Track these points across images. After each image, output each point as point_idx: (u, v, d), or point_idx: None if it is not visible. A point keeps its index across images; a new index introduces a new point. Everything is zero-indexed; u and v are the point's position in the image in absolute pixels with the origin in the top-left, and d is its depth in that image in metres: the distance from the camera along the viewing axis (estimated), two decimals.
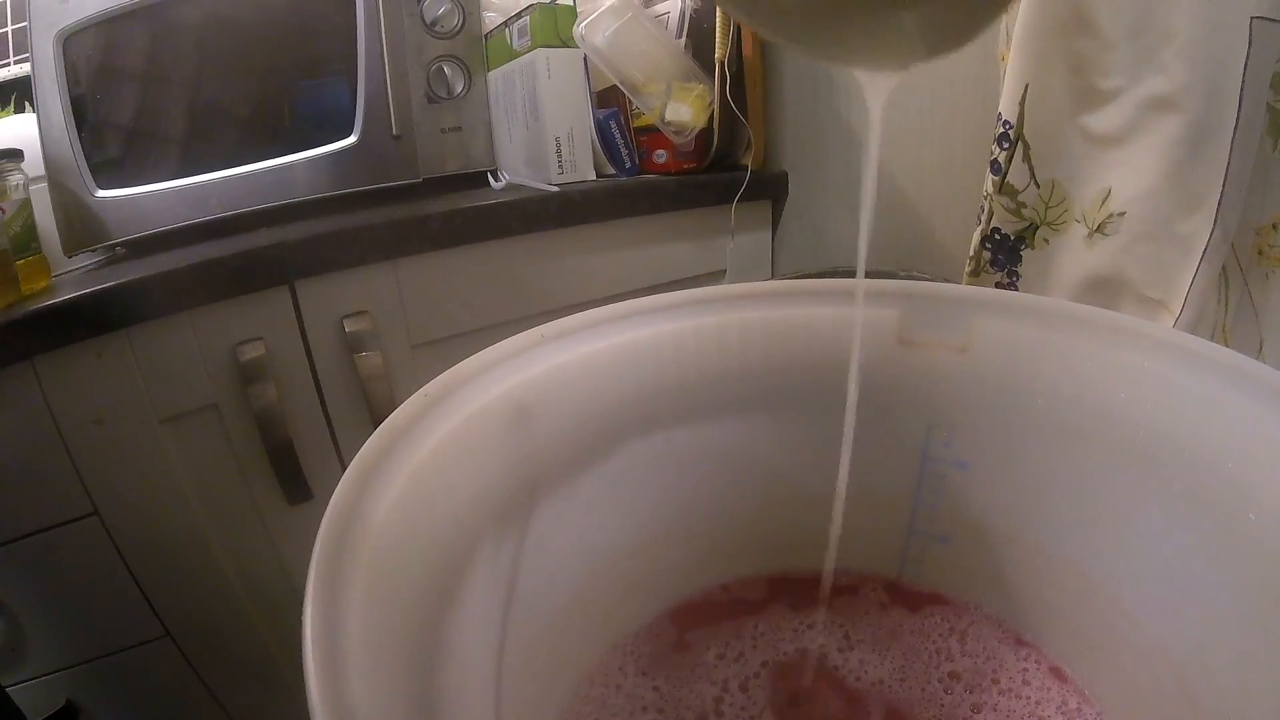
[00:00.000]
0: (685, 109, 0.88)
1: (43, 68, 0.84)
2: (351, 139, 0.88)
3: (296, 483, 0.75)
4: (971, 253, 0.60)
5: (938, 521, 0.37)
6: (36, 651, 0.72)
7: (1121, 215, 0.50)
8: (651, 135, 0.94)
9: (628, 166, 0.96)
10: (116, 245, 0.91)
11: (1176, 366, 0.28)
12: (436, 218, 0.77)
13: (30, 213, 0.83)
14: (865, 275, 0.30)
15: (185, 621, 0.76)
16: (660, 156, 0.94)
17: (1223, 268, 0.49)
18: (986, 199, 0.58)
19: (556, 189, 0.84)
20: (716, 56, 0.87)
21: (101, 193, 0.86)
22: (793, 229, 0.99)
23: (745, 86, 0.91)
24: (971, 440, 0.35)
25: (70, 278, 0.86)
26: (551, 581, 0.32)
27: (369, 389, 0.75)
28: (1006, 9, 0.25)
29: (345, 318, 0.75)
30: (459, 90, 0.93)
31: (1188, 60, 0.45)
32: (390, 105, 0.87)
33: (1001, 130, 0.55)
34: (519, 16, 0.87)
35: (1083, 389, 0.31)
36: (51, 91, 0.84)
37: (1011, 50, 0.53)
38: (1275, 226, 0.48)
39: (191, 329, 0.69)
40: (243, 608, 0.79)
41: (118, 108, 0.87)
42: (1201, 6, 0.44)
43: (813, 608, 0.37)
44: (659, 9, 0.94)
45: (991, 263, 0.59)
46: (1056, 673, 0.33)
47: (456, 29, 0.91)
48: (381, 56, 0.86)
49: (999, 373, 0.33)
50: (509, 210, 0.80)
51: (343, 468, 0.23)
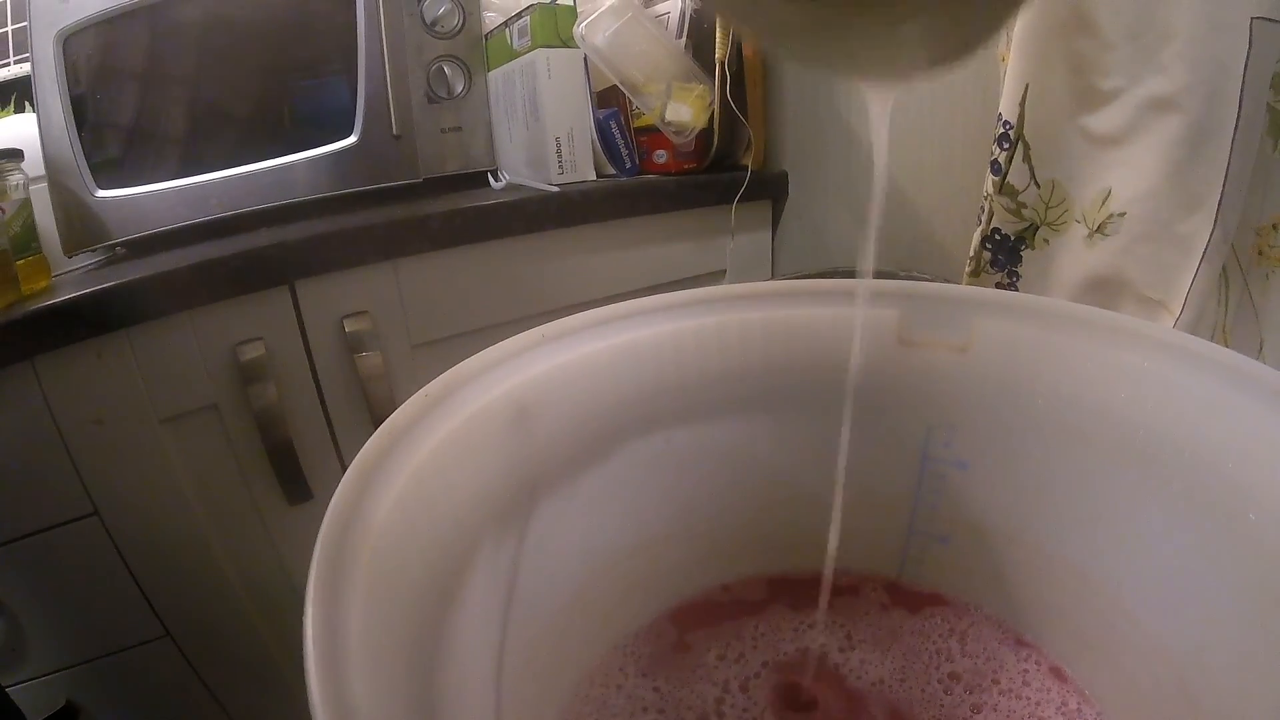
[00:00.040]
0: (685, 109, 0.88)
1: (43, 67, 0.84)
2: (352, 139, 0.88)
3: (296, 483, 0.75)
4: (972, 253, 0.60)
5: (938, 522, 0.37)
6: (36, 651, 0.72)
7: (1122, 215, 0.50)
8: (651, 135, 0.94)
9: (628, 167, 0.96)
10: (116, 245, 0.91)
11: (1176, 367, 0.28)
12: (437, 218, 0.77)
13: (30, 212, 0.83)
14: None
15: (185, 621, 0.76)
16: (660, 157, 0.94)
17: (1223, 268, 0.49)
18: (987, 199, 0.58)
19: (557, 189, 0.84)
20: (717, 56, 0.87)
21: (101, 193, 0.86)
22: (793, 229, 0.99)
23: (745, 86, 0.91)
24: (971, 440, 0.35)
25: (70, 278, 0.86)
26: (552, 582, 0.32)
27: (369, 389, 0.75)
28: (1006, 22, 0.25)
29: (345, 318, 0.75)
30: (459, 90, 0.93)
31: (1188, 60, 0.45)
32: (390, 105, 0.87)
33: (1001, 130, 0.55)
34: (519, 16, 0.87)
35: (1083, 389, 0.31)
36: (51, 91, 0.84)
37: (1011, 50, 0.53)
38: (1275, 227, 0.48)
39: (191, 329, 0.69)
40: (243, 608, 0.79)
41: (118, 107, 0.87)
42: (1201, 7, 0.44)
43: (813, 608, 0.37)
44: (659, 9, 0.94)
45: (992, 263, 0.59)
46: (1057, 673, 0.33)
47: (457, 29, 0.91)
48: (382, 56, 0.86)
49: (999, 373, 0.33)
50: (509, 210, 0.80)
51: (343, 468, 0.23)
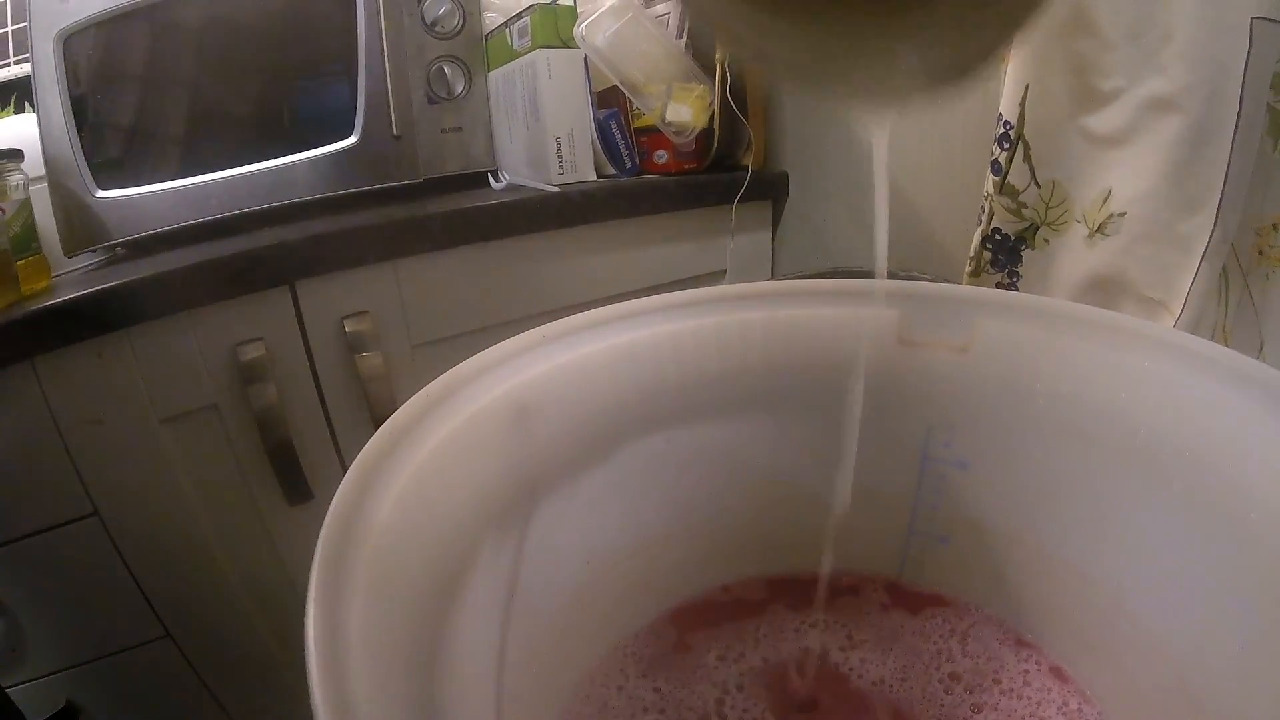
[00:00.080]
0: (686, 109, 0.88)
1: (43, 68, 0.84)
2: (352, 139, 0.88)
3: (297, 483, 0.75)
4: (972, 253, 0.60)
5: (938, 522, 0.36)
6: (36, 652, 0.72)
7: (1122, 215, 0.50)
8: (652, 135, 0.94)
9: (628, 167, 0.96)
10: (117, 245, 0.91)
11: (1177, 367, 0.28)
12: (437, 218, 0.77)
13: (30, 213, 0.83)
14: (864, 275, 0.30)
15: (185, 622, 0.76)
16: (661, 157, 0.94)
17: (1223, 268, 0.49)
18: (987, 199, 0.58)
19: (557, 189, 0.84)
20: (717, 57, 0.87)
21: (102, 193, 0.86)
22: (793, 229, 0.99)
23: (745, 87, 0.91)
24: (972, 440, 0.35)
25: (70, 278, 0.86)
26: (552, 582, 0.32)
27: (369, 389, 0.75)
28: (1004, 44, 0.25)
29: (346, 318, 0.75)
30: (459, 90, 0.93)
31: (1188, 61, 0.45)
32: (391, 105, 0.87)
33: (1002, 130, 0.55)
34: (519, 17, 0.87)
35: (1083, 389, 0.31)
36: (51, 91, 0.84)
37: (1012, 51, 0.53)
38: (1276, 226, 0.48)
39: (192, 329, 0.69)
40: (243, 608, 0.79)
41: (118, 108, 0.87)
42: (1202, 7, 0.44)
43: (813, 608, 0.37)
44: (659, 9, 0.94)
45: (992, 263, 0.59)
46: (1057, 673, 0.33)
47: (457, 29, 0.91)
48: (382, 57, 0.86)
49: (1000, 373, 0.33)
50: (510, 210, 0.80)
51: (343, 468, 0.23)
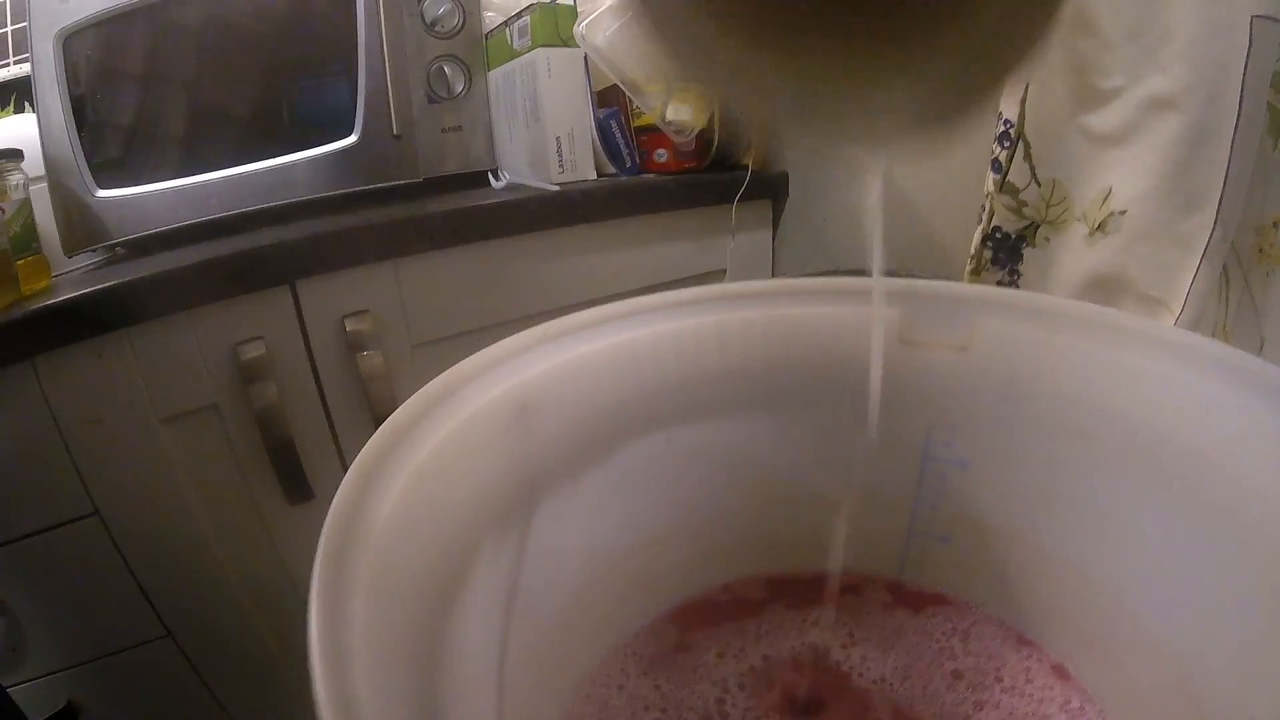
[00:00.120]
0: (686, 109, 0.88)
1: (43, 68, 0.84)
2: (352, 139, 0.88)
3: (297, 482, 0.75)
4: (972, 251, 0.60)
5: (939, 521, 0.37)
6: (37, 652, 0.72)
7: (1122, 214, 0.50)
8: (652, 135, 0.94)
9: (628, 166, 0.96)
10: (117, 245, 0.91)
11: (1178, 365, 0.28)
12: (437, 217, 0.77)
13: (30, 213, 0.83)
14: (864, 275, 0.30)
15: (186, 621, 0.76)
16: (661, 156, 0.94)
17: (1223, 267, 0.49)
18: (987, 198, 0.58)
19: (557, 189, 0.84)
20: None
21: (102, 193, 0.86)
22: (793, 229, 0.99)
23: None
24: (972, 440, 0.35)
25: (70, 278, 0.86)
26: (552, 581, 0.32)
27: (370, 388, 0.75)
28: (993, 92, 0.24)
29: (346, 317, 0.75)
30: (459, 90, 0.93)
31: (1188, 60, 0.45)
32: (391, 105, 0.87)
33: (1002, 129, 0.55)
34: (519, 16, 0.87)
35: (1084, 388, 0.31)
36: (51, 91, 0.84)
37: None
38: (1276, 225, 0.48)
39: (192, 328, 0.69)
40: (243, 607, 0.79)
41: (118, 108, 0.87)
42: (1202, 6, 0.44)
43: (813, 607, 0.37)
44: None
45: (993, 261, 0.59)
46: (1059, 671, 0.33)
47: (457, 29, 0.91)
48: (382, 56, 0.86)
49: (1000, 372, 0.33)
50: (510, 210, 0.80)
51: (344, 467, 0.23)
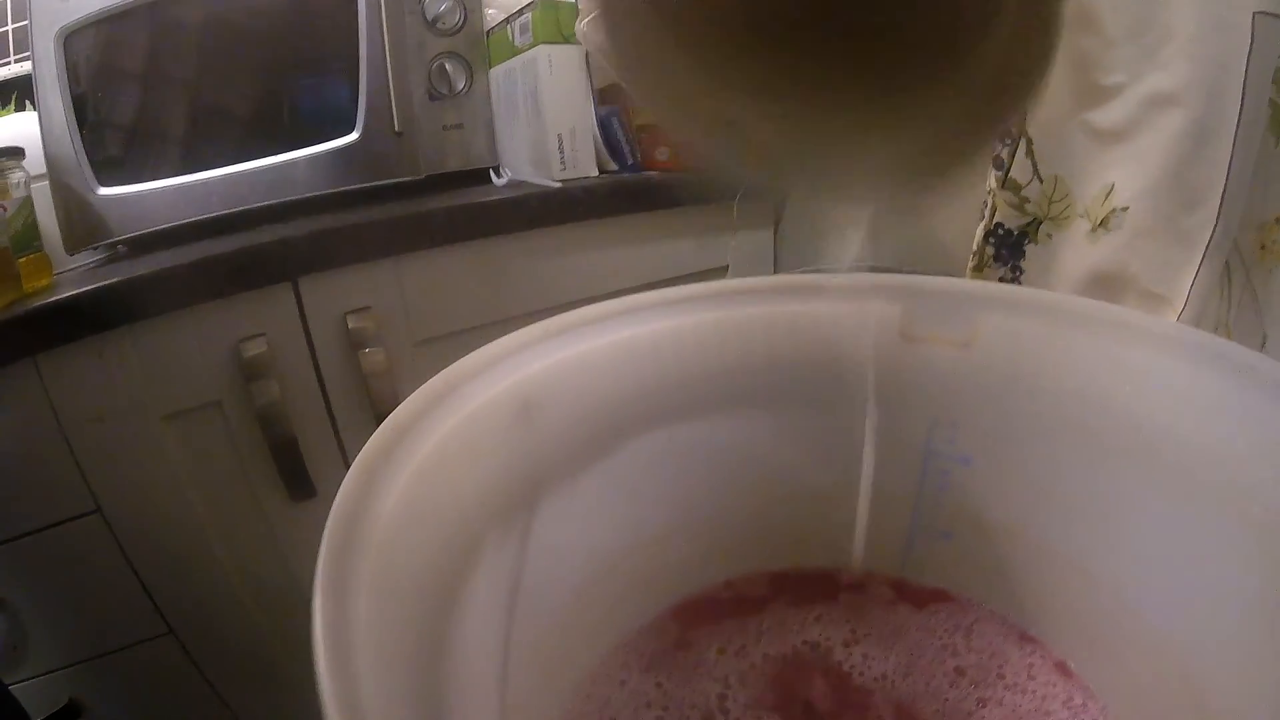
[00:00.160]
0: None
1: (44, 66, 0.84)
2: (353, 136, 0.88)
3: (299, 479, 0.75)
4: (974, 248, 0.60)
5: (941, 518, 0.36)
6: (39, 649, 0.72)
7: (1124, 211, 0.50)
8: (653, 132, 0.93)
9: (630, 163, 0.95)
10: (118, 243, 0.91)
11: (1180, 361, 0.28)
12: (439, 214, 0.77)
13: (32, 210, 0.83)
14: (865, 270, 0.30)
15: (188, 619, 0.76)
16: (662, 153, 0.94)
17: (1226, 264, 0.49)
18: (989, 194, 0.58)
19: (558, 186, 0.84)
20: None
21: (103, 190, 0.86)
22: (795, 226, 0.99)
23: None
24: (975, 436, 0.35)
25: (72, 275, 0.86)
26: (554, 579, 0.32)
27: (372, 385, 0.75)
28: (976, 152, 0.24)
29: (348, 314, 0.75)
30: (460, 87, 0.93)
31: (1190, 57, 0.45)
32: (392, 102, 0.87)
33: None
34: (521, 13, 0.87)
35: (1086, 384, 0.31)
36: (52, 89, 0.84)
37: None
38: (1278, 222, 0.48)
39: (194, 326, 0.69)
40: (245, 604, 0.79)
41: (119, 105, 0.87)
42: (1203, 3, 0.44)
43: (815, 604, 0.37)
44: None
45: (995, 258, 0.59)
46: (1061, 668, 0.33)
47: (458, 26, 0.91)
48: (383, 53, 0.86)
49: (1002, 368, 0.33)
50: (511, 207, 0.80)
51: (345, 464, 0.23)
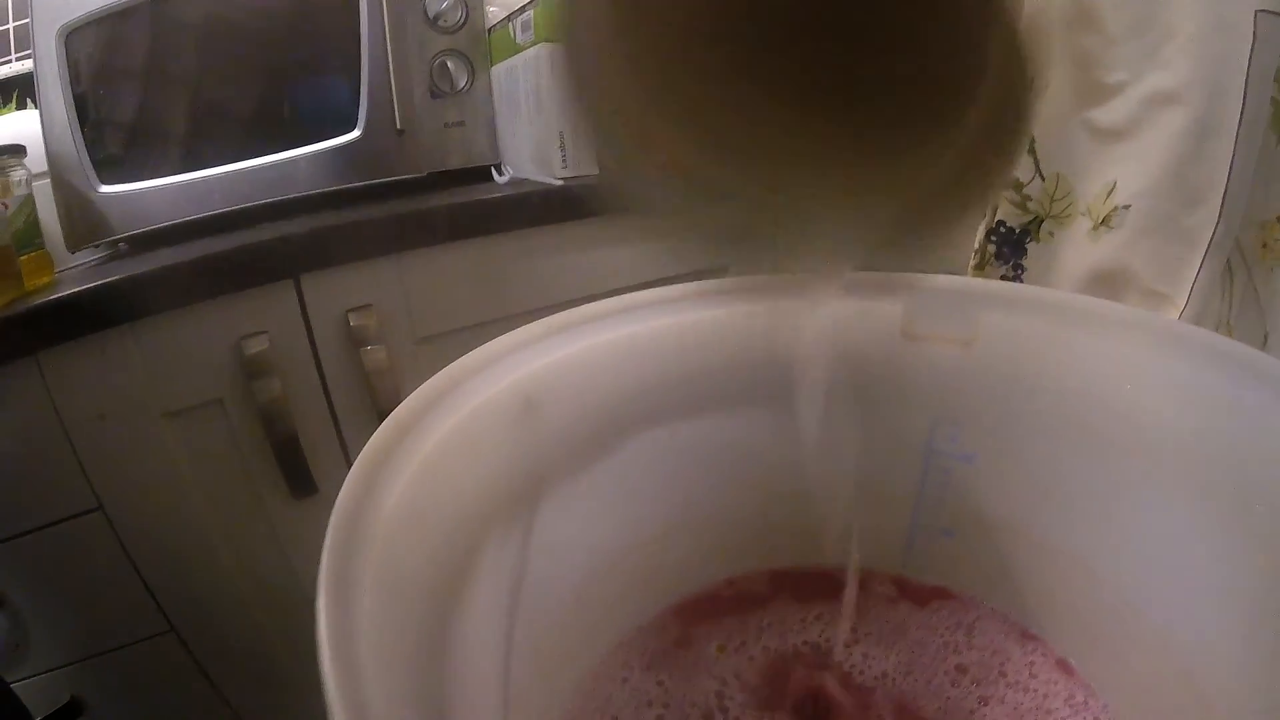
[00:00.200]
0: None
1: (45, 64, 0.84)
2: (355, 134, 0.88)
3: (301, 477, 0.75)
4: (976, 246, 0.60)
5: (943, 515, 0.36)
6: (40, 647, 0.72)
7: (1126, 209, 0.50)
8: None
9: None
10: (119, 241, 0.91)
11: (1182, 359, 0.28)
12: (440, 212, 0.77)
13: (33, 208, 0.83)
14: (866, 270, 0.30)
15: (189, 616, 0.76)
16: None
17: (1227, 262, 0.49)
18: None
19: (560, 183, 0.84)
20: None
21: (104, 188, 0.86)
22: None
23: None
24: (977, 434, 0.34)
25: (73, 273, 0.86)
26: (556, 577, 0.32)
27: (374, 383, 0.75)
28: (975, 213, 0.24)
29: (350, 311, 0.75)
30: (462, 85, 0.93)
31: (1191, 55, 0.45)
32: (394, 100, 0.87)
33: None
34: (522, 11, 0.87)
35: (1088, 382, 0.31)
36: (54, 87, 0.84)
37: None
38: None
39: (195, 324, 0.69)
40: (247, 602, 0.79)
41: (120, 103, 0.87)
42: (1205, 2, 0.44)
43: (817, 602, 0.37)
44: None
45: (996, 256, 0.59)
46: (1063, 666, 0.33)
47: (460, 23, 0.91)
48: (385, 51, 0.86)
49: (1004, 366, 0.33)
50: (513, 205, 0.80)
51: (347, 462, 0.23)
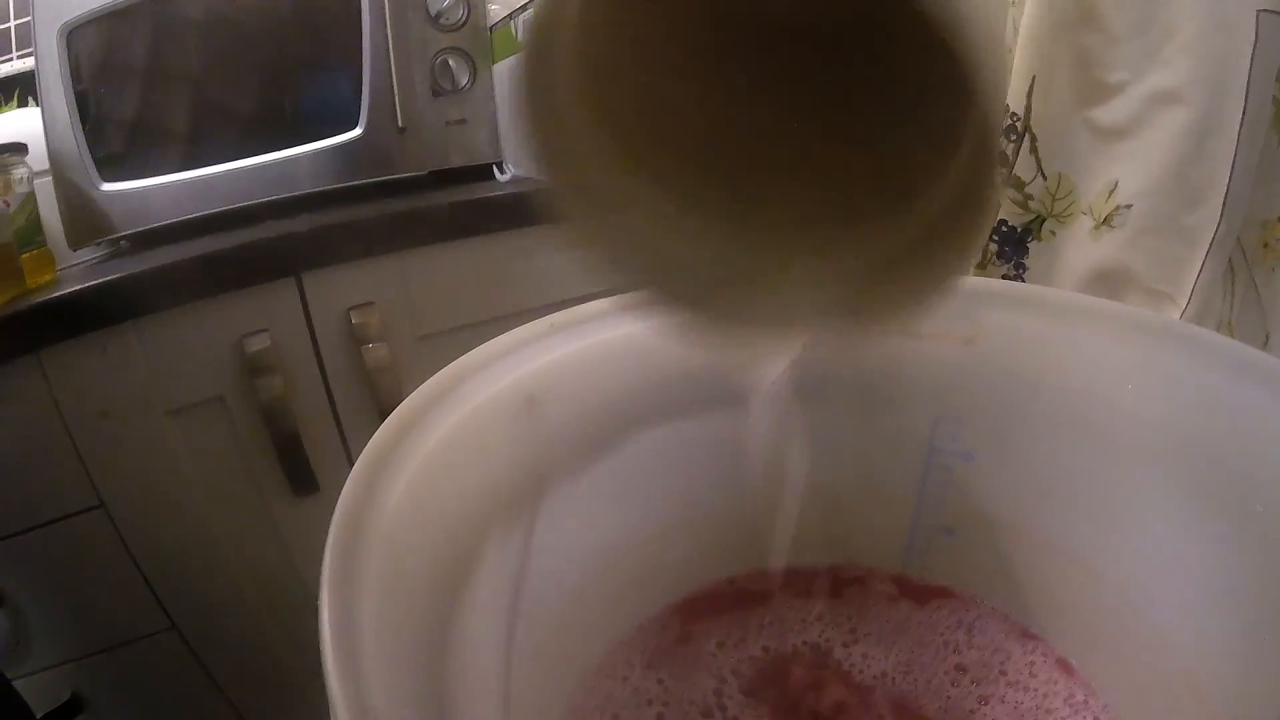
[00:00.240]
0: None
1: (46, 62, 0.84)
2: (356, 132, 0.88)
3: (303, 475, 0.75)
4: None
5: (944, 514, 0.36)
6: (42, 644, 0.73)
7: (1128, 208, 0.50)
8: None
9: None
10: (121, 239, 0.91)
11: (1184, 359, 0.28)
12: (442, 210, 0.77)
13: (35, 206, 0.83)
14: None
15: (191, 614, 0.77)
16: None
17: (1229, 261, 0.48)
18: None
19: None
20: None
21: (106, 186, 0.86)
22: None
23: None
24: (978, 433, 0.34)
25: (75, 271, 0.86)
26: (558, 575, 0.32)
27: (376, 380, 0.75)
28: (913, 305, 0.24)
29: (352, 309, 0.75)
30: (464, 83, 0.92)
31: (1193, 54, 0.45)
32: (395, 98, 0.87)
33: (1009, 122, 0.55)
34: (524, 8, 0.87)
35: (1089, 381, 0.30)
36: (55, 85, 0.84)
37: (1018, 43, 0.53)
38: None
39: (197, 321, 0.69)
40: (248, 599, 0.79)
41: (122, 101, 0.87)
42: (1207, 1, 0.44)
43: (818, 600, 0.37)
44: None
45: (998, 255, 0.59)
46: (1063, 665, 0.33)
47: (461, 21, 0.91)
48: (386, 49, 0.85)
49: (1006, 365, 0.33)
50: (515, 202, 0.80)
51: (349, 460, 0.23)
